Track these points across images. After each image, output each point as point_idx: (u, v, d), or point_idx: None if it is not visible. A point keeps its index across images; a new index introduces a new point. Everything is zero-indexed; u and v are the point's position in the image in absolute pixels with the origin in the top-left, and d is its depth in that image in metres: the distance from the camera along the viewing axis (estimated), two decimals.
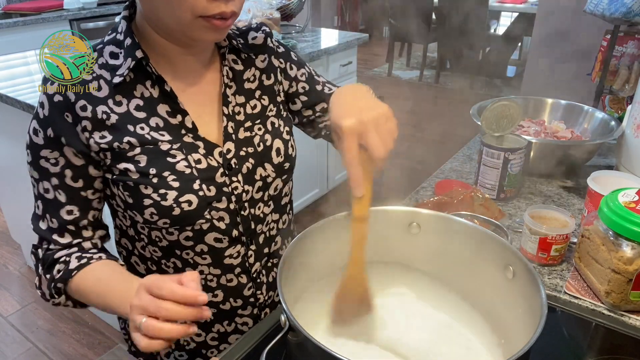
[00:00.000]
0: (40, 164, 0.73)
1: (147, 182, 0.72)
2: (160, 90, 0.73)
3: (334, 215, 0.74)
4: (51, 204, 0.74)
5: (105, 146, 0.71)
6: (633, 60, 1.79)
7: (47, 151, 0.72)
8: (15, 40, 3.06)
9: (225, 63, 0.80)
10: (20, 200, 2.24)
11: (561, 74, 2.90)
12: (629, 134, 1.12)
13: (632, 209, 0.77)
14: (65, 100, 0.70)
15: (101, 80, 0.71)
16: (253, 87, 0.83)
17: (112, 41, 0.74)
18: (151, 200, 0.72)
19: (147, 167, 0.72)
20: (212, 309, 0.84)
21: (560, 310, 0.83)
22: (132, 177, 0.72)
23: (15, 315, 2.19)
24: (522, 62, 5.64)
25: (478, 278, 0.74)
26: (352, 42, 2.80)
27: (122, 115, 0.71)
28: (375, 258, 0.79)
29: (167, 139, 0.73)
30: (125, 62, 0.71)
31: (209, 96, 0.79)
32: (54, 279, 0.74)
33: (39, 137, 0.71)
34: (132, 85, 0.72)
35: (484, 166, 1.14)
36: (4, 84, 1.90)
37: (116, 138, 0.71)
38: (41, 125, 0.71)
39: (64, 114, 0.70)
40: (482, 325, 0.74)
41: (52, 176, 0.73)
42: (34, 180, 0.75)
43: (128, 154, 0.71)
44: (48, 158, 0.72)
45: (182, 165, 0.73)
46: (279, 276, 0.62)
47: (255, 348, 0.75)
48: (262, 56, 0.85)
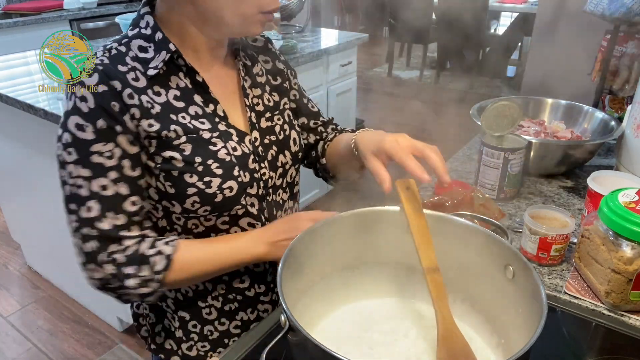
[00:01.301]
0: (92, 160, 0.69)
1: (192, 171, 0.74)
2: (191, 80, 0.76)
3: (335, 215, 0.74)
4: (111, 200, 0.70)
5: (153, 134, 0.72)
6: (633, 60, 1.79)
7: (100, 145, 0.69)
8: (15, 40, 3.06)
9: (239, 59, 0.84)
10: (20, 200, 2.24)
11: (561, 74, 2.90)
12: (629, 134, 1.12)
13: (632, 209, 0.77)
14: (110, 90, 0.69)
15: (136, 71, 0.72)
16: (263, 81, 0.88)
17: (139, 35, 0.75)
18: (195, 189, 0.74)
19: (192, 156, 0.74)
20: (239, 295, 0.87)
21: (560, 310, 0.83)
22: (177, 166, 0.73)
23: (15, 315, 2.20)
24: (522, 62, 5.64)
25: (478, 278, 0.74)
26: (352, 42, 2.80)
27: (163, 105, 0.73)
28: (375, 258, 0.79)
29: (206, 127, 0.76)
30: (159, 55, 0.73)
31: (229, 88, 0.83)
32: (155, 272, 0.72)
33: (87, 131, 0.68)
34: (166, 77, 0.74)
35: (484, 166, 1.13)
36: (4, 84, 1.91)
37: (163, 126, 0.72)
38: (88, 119, 0.68)
39: (111, 104, 0.69)
40: (482, 325, 0.74)
41: (109, 170, 0.70)
42: (83, 179, 0.69)
43: (174, 142, 0.73)
44: (102, 152, 0.69)
45: (223, 153, 0.76)
46: (279, 276, 0.62)
47: (255, 348, 0.75)
48: (265, 57, 0.90)
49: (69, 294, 2.30)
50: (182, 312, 0.87)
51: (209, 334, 0.89)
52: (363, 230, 0.76)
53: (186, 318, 0.87)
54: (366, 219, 0.76)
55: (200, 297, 0.86)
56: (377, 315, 0.78)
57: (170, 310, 0.88)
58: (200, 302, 0.86)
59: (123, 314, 2.01)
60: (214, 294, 0.86)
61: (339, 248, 0.76)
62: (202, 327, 0.88)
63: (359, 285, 0.80)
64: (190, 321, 0.88)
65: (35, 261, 2.47)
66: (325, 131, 1.00)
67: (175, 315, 0.88)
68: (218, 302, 0.87)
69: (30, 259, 2.48)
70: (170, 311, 0.88)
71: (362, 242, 0.77)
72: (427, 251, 0.68)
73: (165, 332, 0.90)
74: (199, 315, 0.87)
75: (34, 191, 2.07)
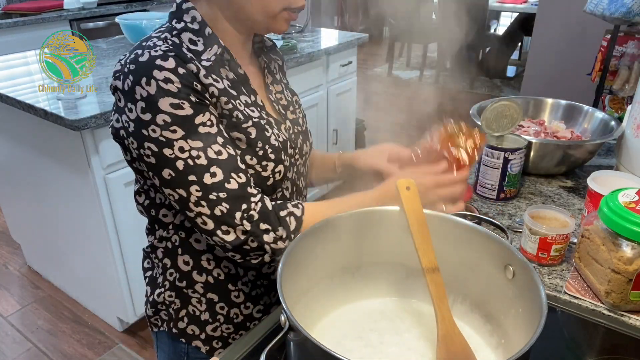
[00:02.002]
0: (201, 132, 0.72)
1: (253, 153, 0.78)
2: (234, 73, 0.81)
3: (335, 215, 0.74)
4: (229, 162, 0.74)
5: (227, 112, 0.76)
6: (633, 60, 1.79)
7: (201, 116, 0.73)
8: (15, 40, 3.06)
9: (261, 58, 0.90)
10: (20, 200, 2.24)
11: (561, 74, 2.90)
12: (629, 134, 1.12)
13: (632, 209, 0.77)
14: (189, 72, 0.72)
15: (195, 61, 0.74)
16: (278, 78, 0.94)
17: (187, 29, 0.77)
18: (253, 171, 0.79)
19: (255, 139, 0.78)
20: (265, 280, 0.91)
21: (560, 310, 0.83)
22: (241, 147, 0.78)
23: (15, 315, 2.20)
24: (522, 62, 5.65)
25: (478, 278, 0.74)
26: (352, 42, 2.80)
27: (222, 91, 0.76)
28: (375, 258, 0.79)
29: (257, 115, 0.80)
30: (211, 48, 0.77)
31: (256, 83, 0.87)
32: (291, 231, 0.77)
33: (185, 107, 0.71)
34: (216, 68, 0.78)
35: (484, 166, 1.14)
36: (4, 84, 1.90)
37: (234, 107, 0.77)
38: (181, 97, 0.71)
39: (193, 84, 0.72)
40: (482, 325, 0.74)
41: (217, 136, 0.74)
42: (198, 150, 0.72)
43: (243, 125, 0.77)
44: (205, 123, 0.73)
45: (273, 139, 0.81)
46: (279, 276, 0.62)
47: (255, 348, 0.75)
48: (274, 56, 0.95)
49: (69, 294, 2.30)
50: (210, 294, 0.90)
51: (235, 317, 0.92)
52: (363, 230, 0.76)
53: (214, 300, 0.90)
54: (366, 219, 0.76)
55: (231, 281, 0.89)
56: (377, 315, 0.78)
57: (197, 294, 0.90)
58: (230, 286, 0.89)
59: (123, 314, 2.01)
60: (244, 279, 0.90)
61: (339, 248, 0.76)
62: (229, 310, 0.91)
63: (359, 285, 0.80)
64: (218, 303, 0.90)
65: (35, 261, 2.47)
66: None
67: (203, 298, 0.90)
68: (247, 287, 0.90)
69: (30, 259, 2.49)
70: (198, 295, 0.90)
71: (362, 242, 0.77)
72: (427, 251, 0.68)
73: (189, 317, 0.91)
74: (227, 298, 0.90)
75: (34, 191, 2.08)
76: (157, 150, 0.72)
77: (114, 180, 1.71)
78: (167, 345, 0.96)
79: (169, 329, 0.93)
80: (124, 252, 1.85)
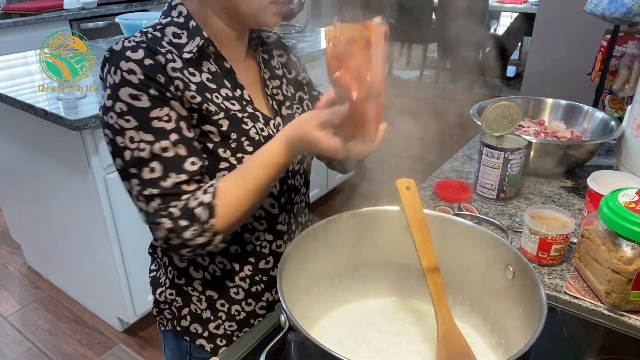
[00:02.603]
0: (153, 125, 0.73)
1: (226, 146, 0.78)
2: (220, 67, 0.81)
3: (335, 215, 0.74)
4: (173, 160, 0.74)
5: (195, 105, 0.76)
6: (633, 60, 1.79)
7: (157, 110, 0.73)
8: (15, 40, 3.06)
9: (258, 53, 0.89)
10: (20, 200, 2.24)
11: (561, 74, 2.90)
12: (629, 134, 1.12)
13: (632, 209, 0.77)
14: (156, 64, 0.73)
15: (173, 54, 0.76)
16: (280, 74, 0.92)
17: (172, 23, 0.80)
18: (227, 164, 0.79)
19: (228, 132, 0.78)
20: (264, 276, 0.90)
21: (560, 310, 0.83)
22: (214, 140, 0.78)
23: (15, 315, 2.20)
24: (522, 62, 5.65)
25: (478, 278, 0.74)
26: None
27: (198, 84, 0.78)
28: (375, 258, 0.79)
29: (237, 109, 0.80)
30: (193, 41, 0.78)
31: (251, 79, 0.87)
32: (202, 222, 0.73)
33: (143, 100, 0.72)
34: (198, 61, 0.79)
35: (484, 166, 1.14)
36: (4, 84, 1.90)
37: (203, 100, 0.77)
38: (140, 89, 0.72)
39: (157, 76, 0.73)
40: (482, 325, 0.74)
41: (170, 133, 0.73)
42: (146, 143, 0.73)
43: (213, 117, 0.77)
44: (160, 117, 0.73)
45: (253, 132, 0.81)
46: (279, 276, 0.62)
47: (255, 348, 0.75)
48: (278, 51, 0.95)
49: (69, 294, 2.30)
50: (209, 292, 0.90)
51: (237, 314, 0.91)
52: (363, 230, 0.76)
53: (214, 297, 0.90)
54: (366, 219, 0.76)
55: (228, 277, 0.89)
56: (377, 315, 0.78)
57: (197, 292, 0.90)
58: (228, 282, 0.89)
59: (123, 314, 2.01)
60: (241, 274, 0.89)
61: (339, 248, 0.76)
62: (229, 307, 0.90)
63: (359, 285, 0.80)
64: (219, 300, 0.90)
65: (35, 261, 2.47)
66: None
67: (202, 296, 0.90)
68: (245, 283, 0.89)
69: (30, 259, 2.48)
70: (197, 293, 0.90)
71: (362, 242, 0.78)
72: (426, 251, 0.68)
73: (192, 315, 0.92)
74: (227, 295, 0.90)
75: (34, 191, 2.08)
76: (112, 137, 0.74)
77: (114, 180, 1.71)
78: (173, 344, 0.96)
79: (173, 328, 0.94)
80: (124, 252, 1.85)
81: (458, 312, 0.76)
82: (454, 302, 0.77)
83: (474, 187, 1.19)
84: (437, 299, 0.67)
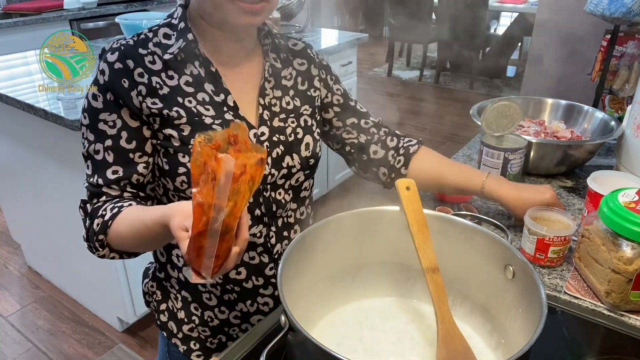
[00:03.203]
0: (98, 127, 0.78)
1: (186, 151, 0.78)
2: (205, 71, 0.80)
3: (335, 215, 0.74)
4: (99, 164, 0.79)
5: (155, 111, 0.77)
6: (633, 60, 1.79)
7: (106, 114, 0.77)
8: (15, 40, 3.05)
9: (267, 59, 0.87)
10: (20, 200, 2.24)
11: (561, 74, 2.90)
12: (629, 134, 1.12)
13: (632, 209, 0.77)
14: (124, 68, 0.76)
15: (155, 55, 0.79)
16: (289, 85, 0.90)
17: (167, 24, 0.81)
18: (185, 169, 0.78)
19: (188, 137, 0.78)
20: (236, 286, 0.88)
21: (560, 310, 0.83)
22: (174, 144, 0.78)
23: (15, 315, 2.20)
24: (522, 62, 5.64)
25: (478, 278, 0.74)
26: (352, 42, 2.79)
27: (173, 87, 0.78)
28: (375, 258, 0.79)
29: (210, 114, 0.80)
30: (177, 42, 0.79)
31: (250, 85, 0.85)
32: (95, 232, 0.77)
33: (99, 101, 0.77)
34: (182, 63, 0.79)
35: (484, 166, 1.13)
36: (4, 84, 1.90)
37: (166, 106, 0.77)
38: (101, 91, 0.77)
39: (121, 80, 0.76)
40: (482, 325, 0.74)
41: (108, 138, 0.78)
42: (88, 141, 0.79)
43: (175, 122, 0.78)
44: (106, 121, 0.77)
45: None
46: (279, 276, 0.62)
47: (255, 348, 0.75)
48: (301, 60, 0.92)
49: (69, 294, 2.30)
50: (185, 292, 0.90)
51: (209, 320, 0.91)
52: (363, 230, 0.76)
53: (189, 299, 0.90)
54: (366, 219, 0.76)
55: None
56: (377, 315, 0.78)
57: (174, 290, 0.91)
58: (200, 287, 0.89)
59: (123, 314, 2.01)
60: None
61: (339, 248, 0.76)
62: (202, 312, 0.90)
63: (359, 285, 0.80)
64: (192, 303, 0.90)
65: (35, 261, 2.47)
66: (378, 133, 1.00)
67: (178, 295, 0.91)
68: (217, 290, 0.89)
69: (30, 259, 2.48)
70: (174, 291, 0.91)
71: (362, 242, 0.78)
72: (427, 251, 0.68)
73: (169, 313, 0.93)
74: (200, 299, 0.90)
75: (34, 191, 2.07)
76: (80, 125, 0.81)
77: None
78: (161, 337, 0.98)
79: (155, 320, 0.96)
80: None
81: (458, 312, 0.76)
82: (454, 302, 0.77)
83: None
84: (437, 299, 0.67)
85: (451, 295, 0.77)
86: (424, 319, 0.76)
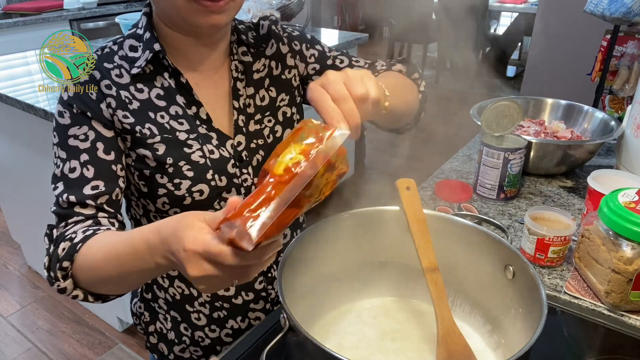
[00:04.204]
0: (69, 143, 0.71)
1: (163, 171, 0.74)
2: (176, 82, 0.76)
3: (334, 215, 0.74)
4: (75, 182, 0.71)
5: (127, 127, 0.72)
6: (633, 60, 1.79)
7: (75, 128, 0.71)
8: (15, 40, 3.06)
9: (234, 57, 0.81)
10: (20, 200, 2.24)
11: (561, 74, 2.90)
12: (629, 134, 1.12)
13: (632, 209, 0.77)
14: (91, 79, 0.72)
15: (122, 69, 0.74)
16: (262, 76, 0.84)
17: (132, 35, 0.76)
18: (165, 190, 0.74)
19: (164, 156, 0.73)
20: (225, 303, 0.85)
21: (560, 310, 0.83)
22: (150, 165, 0.74)
23: (15, 315, 2.19)
24: (522, 62, 5.64)
25: (478, 278, 0.74)
26: (352, 42, 2.79)
27: (143, 102, 0.74)
28: (375, 258, 0.79)
29: (185, 129, 0.75)
30: (144, 54, 0.74)
31: (222, 89, 0.81)
32: (59, 258, 0.65)
33: (65, 117, 0.72)
34: (152, 76, 0.75)
35: (484, 166, 1.14)
36: (4, 84, 1.90)
37: (138, 122, 0.73)
38: (66, 107, 0.72)
39: (88, 93, 0.72)
40: (482, 325, 0.74)
41: (82, 152, 0.71)
42: (60, 160, 0.72)
43: (148, 141, 0.73)
44: (77, 135, 0.71)
45: (197, 156, 0.75)
46: (279, 276, 0.62)
47: (255, 348, 0.75)
48: (270, 42, 0.86)
49: None
50: (173, 313, 0.87)
51: (200, 340, 0.88)
52: (363, 230, 0.76)
53: (178, 319, 0.87)
54: (366, 219, 0.76)
55: (187, 301, 0.85)
56: (377, 315, 0.78)
57: (162, 311, 0.88)
58: (188, 306, 0.85)
59: (123, 314, 2.01)
60: (200, 300, 0.85)
61: (339, 248, 0.76)
62: (193, 332, 0.87)
63: (359, 285, 0.80)
64: (182, 323, 0.87)
65: (35, 261, 2.46)
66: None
67: (167, 315, 0.88)
68: (206, 309, 0.86)
69: (30, 259, 2.48)
70: (163, 312, 0.88)
71: (362, 242, 0.78)
72: (427, 251, 0.68)
73: (158, 335, 0.90)
74: (189, 319, 0.86)
75: (34, 191, 2.07)
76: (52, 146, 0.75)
77: None
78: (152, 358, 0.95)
79: (145, 343, 0.92)
80: None
81: (458, 312, 0.76)
82: (454, 302, 0.77)
83: (474, 187, 1.19)
84: (437, 299, 0.67)
85: (451, 295, 0.77)
86: (424, 318, 0.76)
